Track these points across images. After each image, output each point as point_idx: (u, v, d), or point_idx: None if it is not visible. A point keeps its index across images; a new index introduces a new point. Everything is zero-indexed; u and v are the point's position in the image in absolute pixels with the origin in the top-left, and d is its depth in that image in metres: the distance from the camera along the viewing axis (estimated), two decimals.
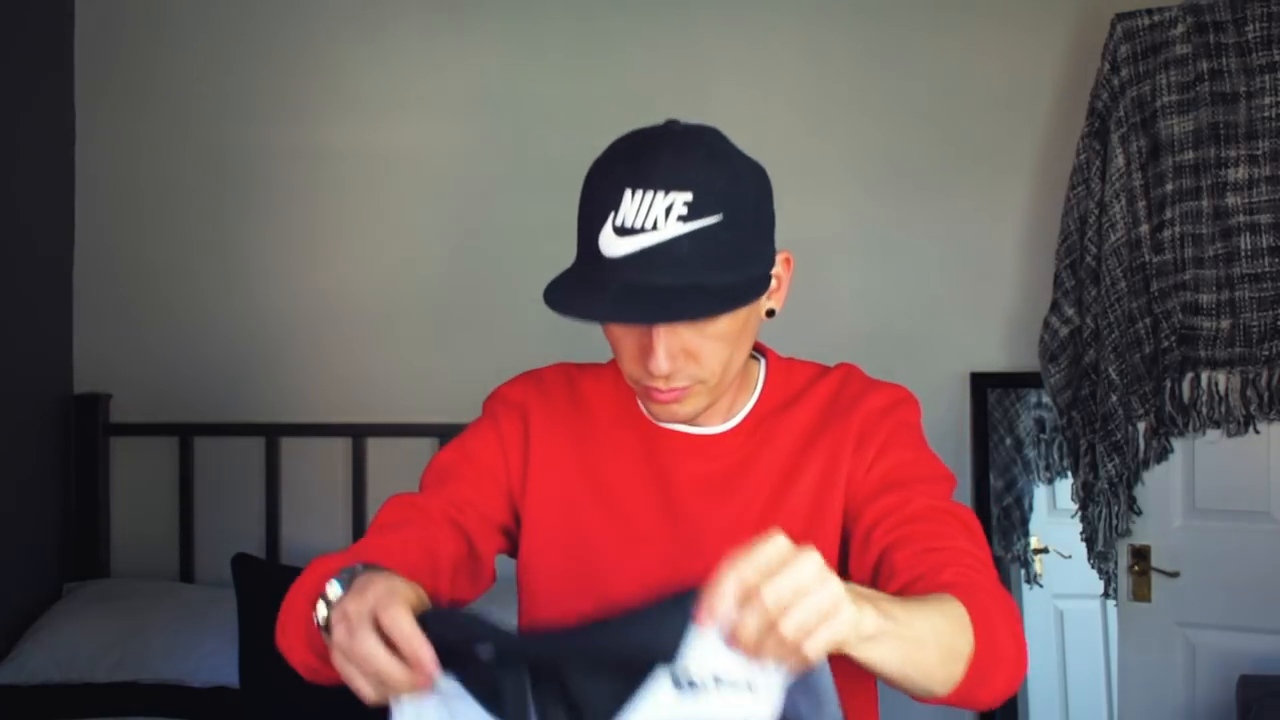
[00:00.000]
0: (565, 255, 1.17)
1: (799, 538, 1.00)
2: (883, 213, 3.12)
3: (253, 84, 3.26)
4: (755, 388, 1.26)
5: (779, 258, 1.17)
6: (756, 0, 3.18)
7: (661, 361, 1.09)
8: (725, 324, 1.11)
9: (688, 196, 1.04)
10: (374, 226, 3.25)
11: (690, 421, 1.20)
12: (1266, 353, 2.58)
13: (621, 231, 1.05)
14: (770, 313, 1.18)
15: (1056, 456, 3.24)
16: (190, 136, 3.26)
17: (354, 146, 3.24)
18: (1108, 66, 2.75)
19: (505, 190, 3.20)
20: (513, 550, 1.28)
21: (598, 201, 1.08)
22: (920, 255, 3.13)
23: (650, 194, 1.05)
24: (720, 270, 1.06)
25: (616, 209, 1.06)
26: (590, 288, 1.07)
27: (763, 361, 1.29)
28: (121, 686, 2.74)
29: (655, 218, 1.04)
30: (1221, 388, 2.63)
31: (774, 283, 1.16)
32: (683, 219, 1.04)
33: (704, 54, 3.18)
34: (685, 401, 1.15)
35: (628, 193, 1.05)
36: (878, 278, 3.13)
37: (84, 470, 3.14)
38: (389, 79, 3.23)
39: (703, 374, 1.13)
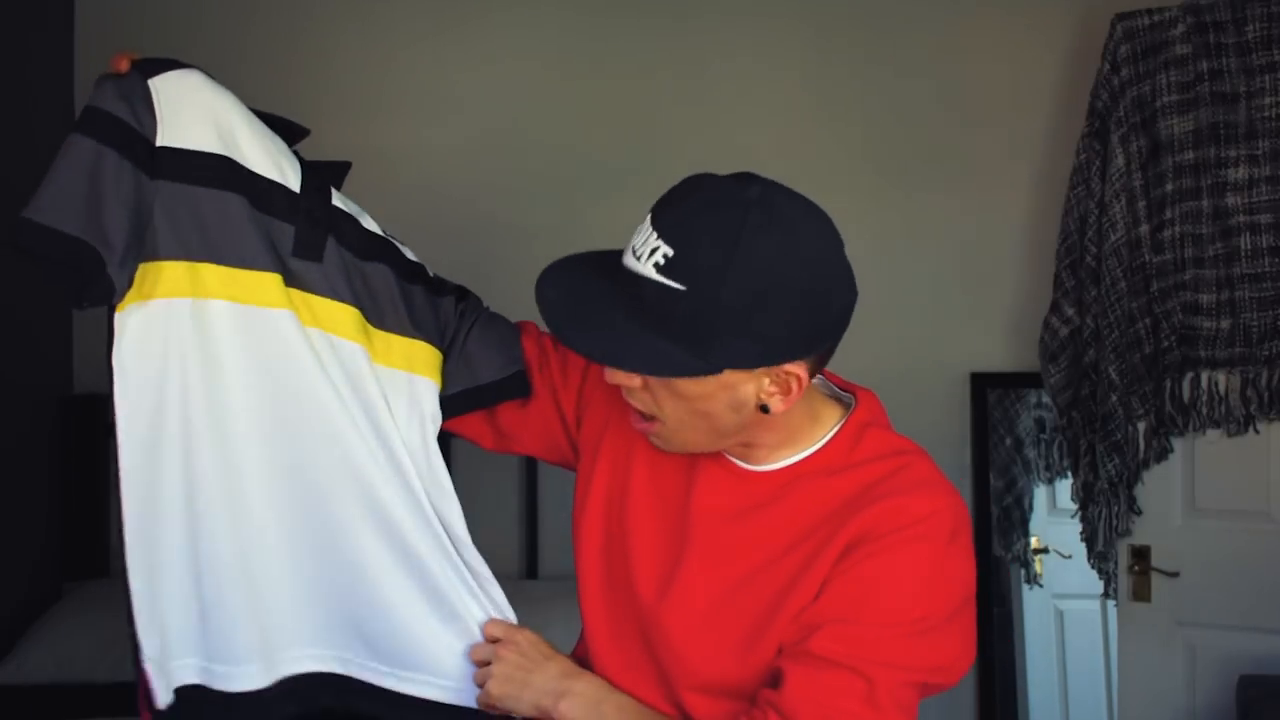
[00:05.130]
0: (565, 254, 1.18)
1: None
2: (883, 213, 3.12)
3: (252, 84, 3.21)
4: (818, 441, 1.23)
5: (788, 369, 1.14)
6: (757, 1, 3.18)
7: (611, 371, 1.16)
8: (682, 384, 1.13)
9: (669, 251, 1.09)
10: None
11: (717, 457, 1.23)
12: (1266, 353, 2.58)
13: (632, 251, 1.13)
14: (764, 408, 1.16)
15: (1056, 456, 3.25)
16: None
17: (354, 146, 3.22)
18: (1108, 66, 2.75)
19: (505, 190, 3.20)
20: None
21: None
22: (920, 255, 3.13)
23: (651, 232, 1.11)
24: (664, 336, 1.09)
25: (640, 229, 1.13)
26: (591, 271, 1.17)
27: (845, 418, 1.25)
28: (121, 686, 2.71)
29: (644, 254, 1.10)
30: (1221, 388, 2.63)
31: (767, 382, 1.14)
32: (658, 267, 1.09)
33: (704, 55, 3.18)
34: (656, 436, 1.21)
35: (648, 219, 1.13)
36: (878, 278, 3.11)
37: (84, 470, 3.14)
38: (389, 79, 3.23)
39: (658, 414, 1.17)
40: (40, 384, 3.09)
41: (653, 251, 1.09)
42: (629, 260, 1.12)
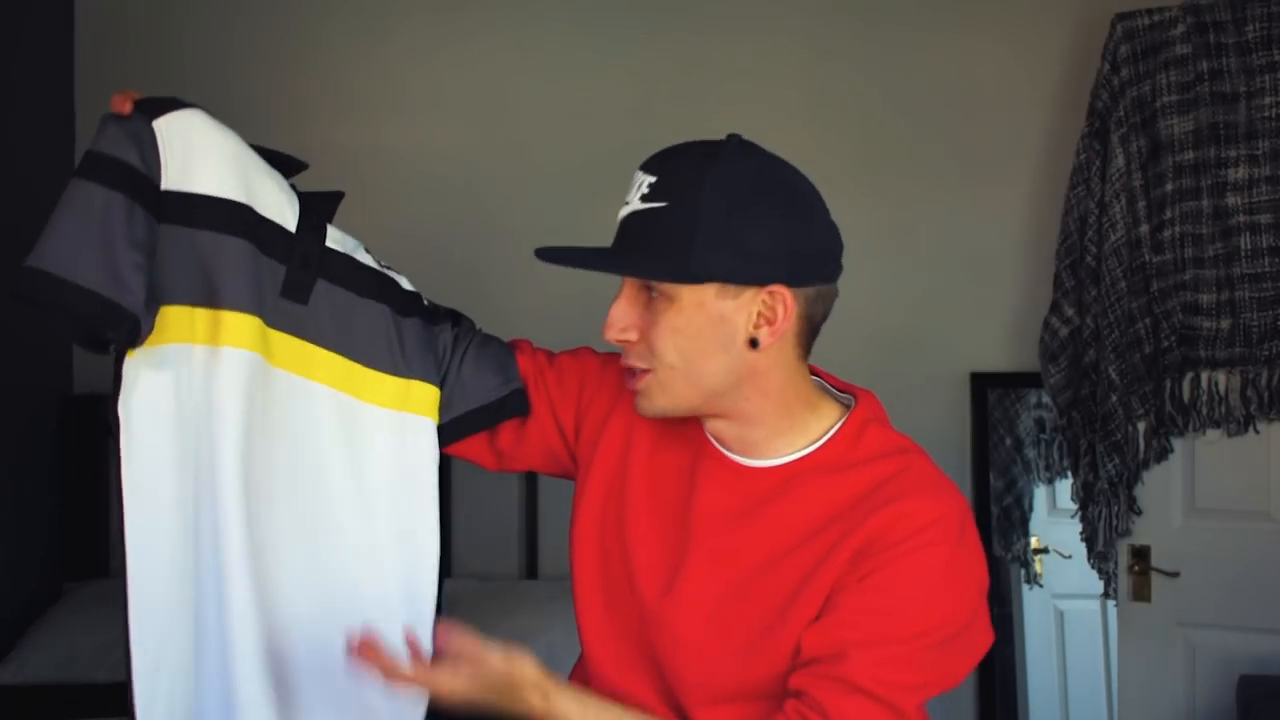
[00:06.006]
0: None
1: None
2: (883, 213, 3.12)
3: (252, 84, 3.25)
4: (819, 437, 1.23)
5: (771, 291, 1.15)
6: (757, 1, 3.18)
7: (608, 325, 1.19)
8: (674, 316, 1.15)
9: (653, 179, 1.16)
10: (373, 226, 3.24)
11: (660, 415, 1.23)
12: (1266, 353, 2.58)
13: (625, 204, 1.20)
14: (754, 343, 1.16)
15: (1056, 456, 3.25)
16: None
17: (354, 146, 3.24)
18: (1108, 66, 2.75)
19: (505, 190, 3.19)
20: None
21: None
22: (920, 255, 3.13)
23: (641, 174, 1.18)
24: (648, 250, 1.15)
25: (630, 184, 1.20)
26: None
27: (846, 415, 1.25)
28: (121, 686, 2.72)
29: (633, 196, 1.18)
30: (1221, 388, 2.63)
31: (754, 312, 1.15)
32: (643, 198, 1.17)
33: (704, 54, 3.18)
34: (644, 393, 1.20)
35: (638, 171, 1.19)
36: (878, 278, 3.13)
37: (84, 470, 3.14)
38: (389, 79, 3.23)
39: (654, 361, 1.18)
40: (40, 384, 3.09)
41: (639, 187, 1.17)
42: (621, 212, 1.19)
